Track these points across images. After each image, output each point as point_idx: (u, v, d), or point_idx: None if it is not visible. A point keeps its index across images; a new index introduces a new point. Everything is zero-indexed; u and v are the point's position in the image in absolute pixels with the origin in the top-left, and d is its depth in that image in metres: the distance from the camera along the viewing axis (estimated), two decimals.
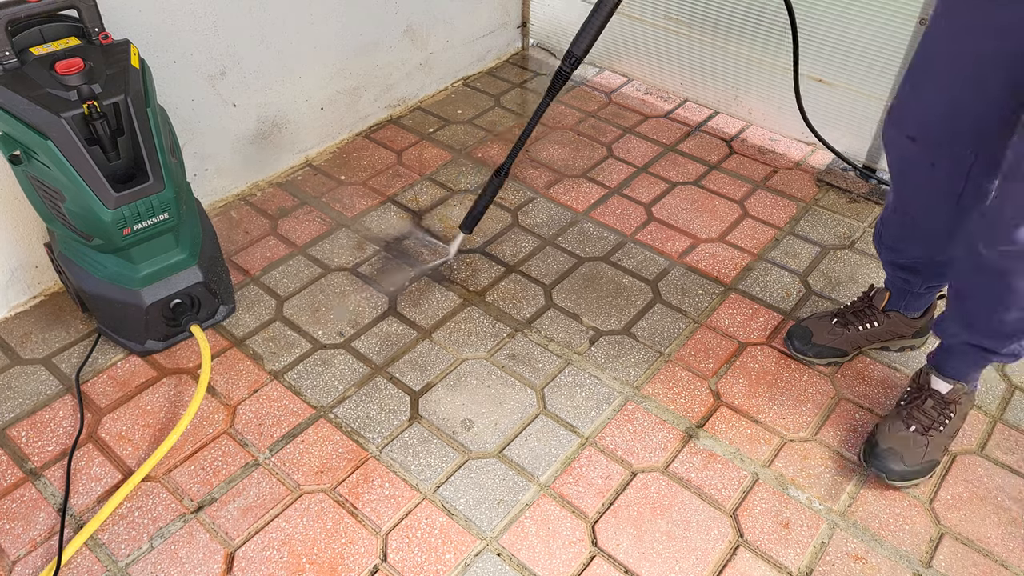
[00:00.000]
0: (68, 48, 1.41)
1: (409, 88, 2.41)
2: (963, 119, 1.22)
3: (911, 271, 1.52)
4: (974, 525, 1.39)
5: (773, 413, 1.56)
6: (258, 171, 2.11)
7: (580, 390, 1.60)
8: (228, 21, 1.86)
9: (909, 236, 1.46)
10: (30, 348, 1.67)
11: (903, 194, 1.41)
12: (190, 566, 1.32)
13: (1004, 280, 1.21)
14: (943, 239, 1.41)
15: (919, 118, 1.28)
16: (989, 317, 1.30)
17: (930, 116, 1.26)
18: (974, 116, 1.21)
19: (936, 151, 1.28)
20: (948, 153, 1.27)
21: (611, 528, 1.37)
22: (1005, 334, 1.32)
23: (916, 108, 1.28)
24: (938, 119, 1.25)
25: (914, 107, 1.28)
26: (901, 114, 1.31)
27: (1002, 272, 1.20)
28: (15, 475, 1.45)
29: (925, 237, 1.43)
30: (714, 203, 2.07)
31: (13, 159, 1.36)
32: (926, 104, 1.26)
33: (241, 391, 1.60)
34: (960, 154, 1.26)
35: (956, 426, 1.46)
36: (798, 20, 2.01)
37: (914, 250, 1.47)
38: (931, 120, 1.26)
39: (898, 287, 1.57)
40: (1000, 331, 1.32)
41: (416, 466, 1.47)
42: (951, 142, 1.26)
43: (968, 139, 1.24)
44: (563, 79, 1.65)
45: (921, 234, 1.43)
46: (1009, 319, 1.28)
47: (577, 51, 1.62)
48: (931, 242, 1.43)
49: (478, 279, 1.85)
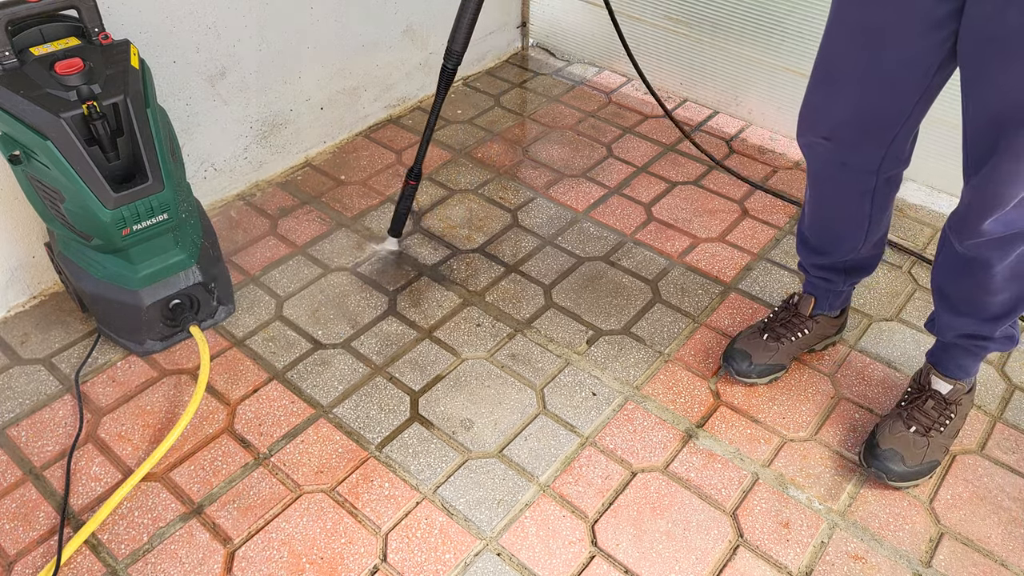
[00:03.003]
0: (68, 48, 1.41)
1: (409, 88, 2.41)
2: (870, 118, 1.27)
3: (834, 270, 1.56)
4: (974, 525, 1.38)
5: (773, 413, 1.56)
6: (258, 171, 2.11)
7: (580, 390, 1.60)
8: (228, 21, 1.86)
9: (831, 236, 1.50)
10: (30, 348, 1.67)
11: (821, 196, 1.46)
12: (190, 566, 1.32)
13: (983, 266, 1.27)
14: (862, 235, 1.46)
15: (830, 120, 1.31)
16: (976, 303, 1.35)
17: (840, 117, 1.30)
18: (880, 113, 1.26)
19: (848, 151, 1.33)
20: (858, 152, 1.32)
21: (611, 528, 1.37)
22: (994, 316, 1.35)
23: (826, 111, 1.31)
24: (848, 120, 1.29)
25: (824, 109, 1.31)
26: (813, 119, 1.34)
27: (979, 260, 1.26)
28: (15, 475, 1.45)
29: (846, 235, 1.48)
30: (714, 203, 2.07)
31: (13, 159, 1.36)
32: (834, 106, 1.29)
33: (241, 391, 1.60)
34: (869, 152, 1.31)
35: (957, 426, 1.46)
36: (798, 20, 2.01)
37: (837, 250, 1.51)
38: (842, 120, 1.30)
39: (822, 289, 1.59)
40: (990, 314, 1.35)
41: (416, 466, 1.47)
42: (861, 141, 1.30)
43: (876, 136, 1.29)
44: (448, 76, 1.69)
45: (842, 233, 1.48)
46: (996, 301, 1.32)
47: (456, 47, 1.66)
48: (852, 239, 1.47)
49: (478, 279, 1.86)
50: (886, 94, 1.23)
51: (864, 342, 1.71)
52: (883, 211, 1.43)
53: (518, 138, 2.31)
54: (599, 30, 2.53)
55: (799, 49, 2.14)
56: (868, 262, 1.55)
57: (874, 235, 1.47)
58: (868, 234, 1.46)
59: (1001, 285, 1.29)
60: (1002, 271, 1.26)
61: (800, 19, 2.09)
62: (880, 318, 1.76)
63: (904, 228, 1.98)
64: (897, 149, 1.31)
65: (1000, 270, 1.26)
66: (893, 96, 1.23)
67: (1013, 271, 1.27)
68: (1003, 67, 1.06)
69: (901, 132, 1.27)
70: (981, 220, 1.19)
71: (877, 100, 1.24)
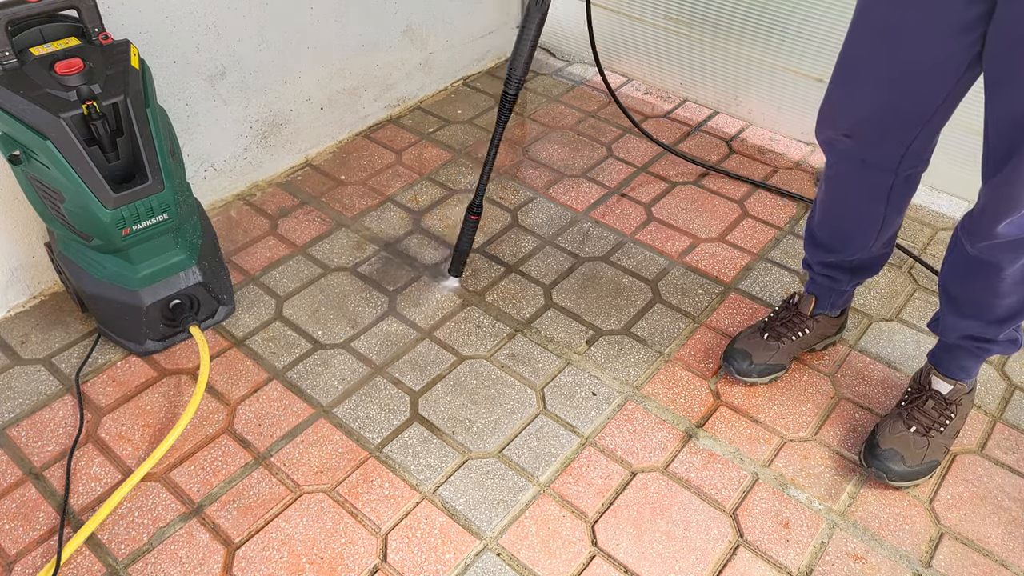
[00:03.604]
0: (68, 48, 1.41)
1: (409, 88, 2.41)
2: (892, 117, 1.26)
3: (840, 269, 1.55)
4: (974, 525, 1.38)
5: (773, 413, 1.56)
6: (258, 171, 2.11)
7: (580, 390, 1.60)
8: (228, 21, 1.86)
9: (842, 234, 1.49)
10: (30, 348, 1.67)
11: (837, 193, 1.45)
12: (190, 566, 1.32)
13: (994, 268, 1.26)
14: (874, 234, 1.45)
15: (851, 117, 1.31)
16: (983, 306, 1.34)
17: (862, 115, 1.29)
18: (902, 113, 1.25)
19: (868, 148, 1.32)
20: (878, 150, 1.32)
21: (611, 528, 1.37)
22: (1000, 319, 1.35)
23: (848, 108, 1.31)
24: (869, 118, 1.29)
25: (846, 107, 1.31)
26: (834, 115, 1.33)
27: (990, 262, 1.26)
28: (15, 475, 1.45)
29: (857, 234, 1.47)
30: (714, 203, 2.07)
31: (13, 159, 1.36)
32: (857, 104, 1.29)
33: (241, 391, 1.60)
34: (889, 151, 1.31)
35: (957, 427, 1.46)
36: (798, 20, 2.01)
37: (847, 248, 1.50)
38: (863, 118, 1.29)
39: (825, 288, 1.59)
40: (996, 317, 1.35)
41: (416, 466, 1.47)
42: (881, 140, 1.30)
43: (897, 135, 1.28)
44: (511, 102, 1.65)
45: (854, 231, 1.47)
46: (1004, 304, 1.32)
47: (517, 73, 1.62)
48: (863, 238, 1.47)
49: (478, 279, 1.85)
50: (910, 94, 1.22)
51: (864, 342, 1.71)
52: (898, 211, 1.42)
53: (518, 138, 2.31)
54: (599, 30, 2.52)
55: (799, 49, 2.14)
56: (875, 262, 1.54)
57: (885, 234, 1.46)
58: (880, 233, 1.45)
59: (1010, 288, 1.28)
60: (1012, 274, 1.26)
61: (800, 19, 2.09)
62: (880, 318, 1.76)
63: (904, 228, 1.98)
64: (917, 149, 1.30)
65: (1011, 273, 1.25)
66: (917, 96, 1.22)
67: (1023, 275, 1.26)
68: None
69: (923, 132, 1.27)
70: (996, 222, 1.18)
71: (900, 100, 1.23)
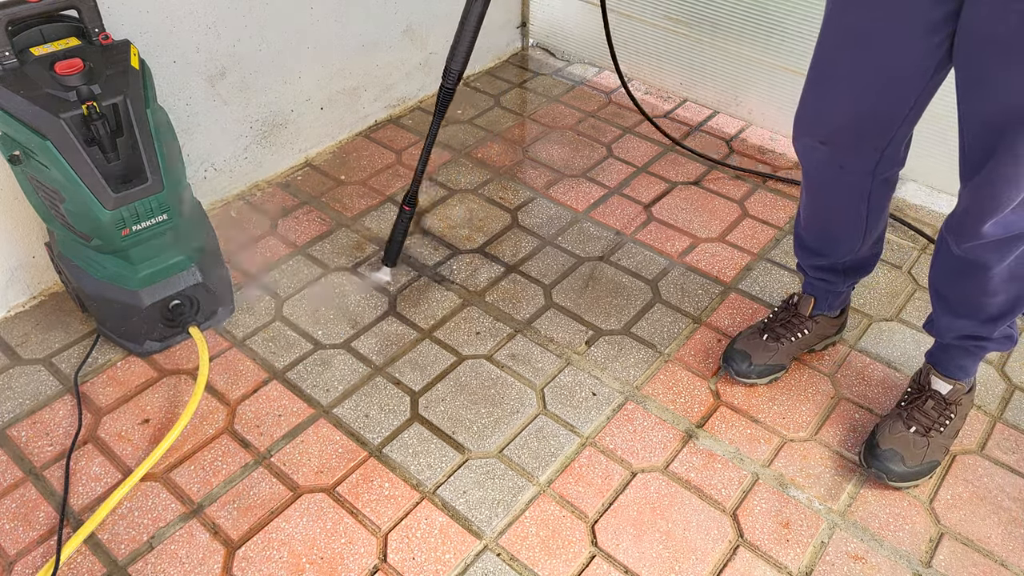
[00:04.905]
0: (68, 48, 1.41)
1: (409, 88, 2.41)
2: (867, 123, 1.27)
3: (833, 271, 1.56)
4: (974, 525, 1.38)
5: (773, 413, 1.56)
6: (258, 171, 2.11)
7: (580, 390, 1.60)
8: (228, 21, 1.86)
9: (828, 239, 1.50)
10: (30, 348, 1.67)
11: (818, 198, 1.46)
12: (190, 566, 1.32)
13: (981, 268, 1.26)
14: (860, 236, 1.46)
15: (827, 125, 1.31)
16: (975, 305, 1.35)
17: (838, 122, 1.29)
18: (877, 118, 1.25)
19: (844, 155, 1.33)
20: (855, 155, 1.32)
21: (611, 528, 1.37)
22: (993, 317, 1.35)
23: (823, 115, 1.31)
24: (845, 125, 1.29)
25: (821, 114, 1.31)
26: (809, 122, 1.34)
27: (977, 262, 1.26)
28: (15, 475, 1.45)
29: (843, 237, 1.48)
30: (714, 203, 2.07)
31: (12, 159, 1.36)
32: (832, 111, 1.29)
33: (241, 391, 1.60)
34: (866, 155, 1.31)
35: (957, 427, 1.46)
36: (798, 20, 2.01)
37: (835, 251, 1.51)
38: (839, 126, 1.29)
39: (821, 289, 1.59)
40: (988, 315, 1.35)
41: (416, 466, 1.47)
42: (857, 145, 1.30)
43: (872, 140, 1.29)
44: (448, 96, 1.62)
45: (840, 235, 1.48)
46: (995, 302, 1.32)
47: (455, 66, 1.60)
48: (850, 241, 1.48)
49: (478, 279, 1.85)
50: (883, 98, 1.22)
51: (864, 342, 1.71)
52: (880, 212, 1.43)
53: (518, 138, 2.31)
54: (599, 30, 2.52)
55: (799, 49, 2.14)
56: (867, 262, 1.55)
57: (871, 235, 1.47)
58: (866, 235, 1.46)
59: (999, 287, 1.29)
60: (1000, 273, 1.26)
61: (800, 19, 2.09)
62: (880, 318, 1.76)
63: (904, 228, 1.98)
64: (892, 151, 1.31)
65: (998, 272, 1.26)
66: (890, 100, 1.22)
67: (1011, 272, 1.27)
68: (1002, 69, 1.05)
69: (897, 134, 1.27)
70: (981, 223, 1.18)
71: (874, 104, 1.23)
